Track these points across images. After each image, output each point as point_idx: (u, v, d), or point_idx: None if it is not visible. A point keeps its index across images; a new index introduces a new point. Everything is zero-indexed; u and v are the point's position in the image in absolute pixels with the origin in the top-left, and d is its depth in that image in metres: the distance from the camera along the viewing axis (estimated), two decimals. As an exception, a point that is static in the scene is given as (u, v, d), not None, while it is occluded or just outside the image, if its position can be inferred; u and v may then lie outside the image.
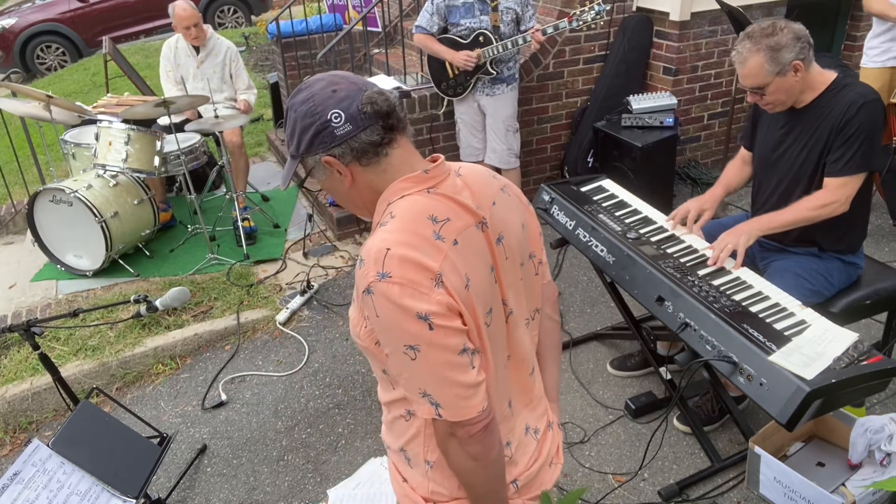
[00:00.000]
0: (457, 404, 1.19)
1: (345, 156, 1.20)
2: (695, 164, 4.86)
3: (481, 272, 1.23)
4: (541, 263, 1.45)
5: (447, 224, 1.20)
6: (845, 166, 2.28)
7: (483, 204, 1.28)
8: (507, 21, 3.71)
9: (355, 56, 5.36)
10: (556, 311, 1.56)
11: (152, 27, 9.99)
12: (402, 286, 1.13)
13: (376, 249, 1.16)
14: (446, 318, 1.15)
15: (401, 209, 1.21)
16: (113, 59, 5.39)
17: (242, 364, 3.45)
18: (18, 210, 4.89)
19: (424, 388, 1.19)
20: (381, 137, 1.20)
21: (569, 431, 2.84)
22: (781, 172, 2.49)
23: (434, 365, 1.16)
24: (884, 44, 3.78)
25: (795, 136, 2.41)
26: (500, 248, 1.29)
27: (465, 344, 1.18)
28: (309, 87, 1.22)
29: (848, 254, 2.52)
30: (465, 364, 1.18)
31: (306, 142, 1.21)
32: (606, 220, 2.64)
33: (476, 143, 4.12)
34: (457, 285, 1.17)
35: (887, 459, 2.25)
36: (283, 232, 4.59)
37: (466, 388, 1.18)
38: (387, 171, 1.23)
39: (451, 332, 1.16)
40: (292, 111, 1.23)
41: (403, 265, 1.14)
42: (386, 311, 1.15)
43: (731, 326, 2.04)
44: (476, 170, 1.36)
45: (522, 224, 1.37)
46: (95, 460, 2.16)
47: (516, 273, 1.34)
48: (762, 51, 2.23)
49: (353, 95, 1.19)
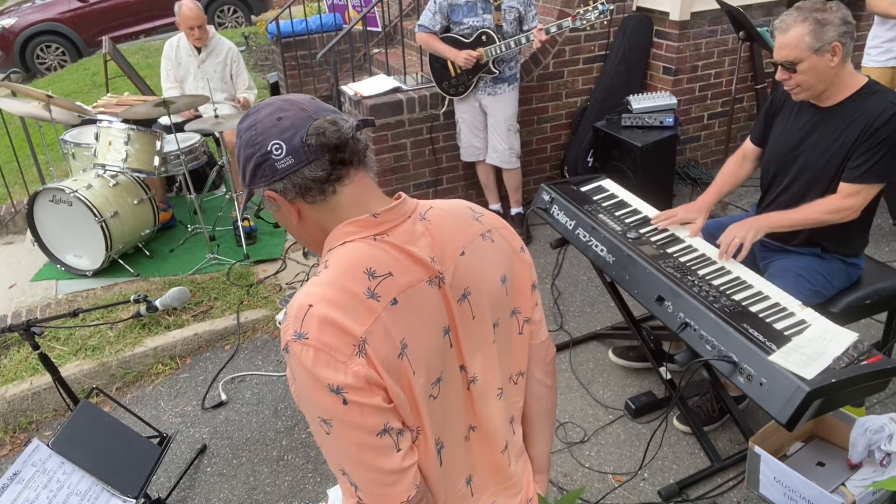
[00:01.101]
0: (376, 491, 1.05)
1: (287, 192, 1.08)
2: (695, 163, 4.85)
3: (427, 336, 1.08)
4: (527, 322, 1.27)
5: (387, 280, 1.05)
6: (864, 174, 2.26)
7: (445, 255, 1.12)
8: (510, 20, 3.71)
9: (355, 56, 5.36)
10: (548, 375, 1.36)
11: (152, 27, 9.99)
12: (318, 351, 1.00)
13: (298, 304, 1.03)
14: (363, 394, 1.00)
15: (336, 259, 1.07)
16: (113, 59, 5.39)
17: (242, 364, 3.45)
18: (18, 210, 4.89)
19: (342, 467, 1.06)
20: (326, 174, 1.06)
21: (569, 431, 2.84)
22: (799, 170, 2.45)
23: (348, 445, 1.03)
24: (885, 43, 3.78)
25: (819, 135, 2.37)
26: (463, 305, 1.13)
27: (385, 423, 1.03)
28: (255, 113, 1.10)
29: (850, 256, 2.51)
30: (385, 447, 1.03)
31: (249, 172, 1.10)
32: (606, 219, 2.64)
33: (477, 143, 4.12)
34: (385, 354, 1.02)
35: (887, 459, 2.25)
36: (282, 232, 4.59)
37: (387, 475, 1.04)
38: (335, 210, 1.10)
39: (367, 410, 1.01)
40: (238, 137, 1.11)
41: (323, 327, 1.00)
42: (300, 375, 1.02)
43: (731, 326, 2.04)
44: (453, 211, 1.20)
45: (504, 276, 1.20)
46: (95, 460, 2.16)
47: (486, 335, 1.17)
48: (808, 21, 2.18)
49: (300, 125, 1.05)
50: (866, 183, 2.27)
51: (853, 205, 2.30)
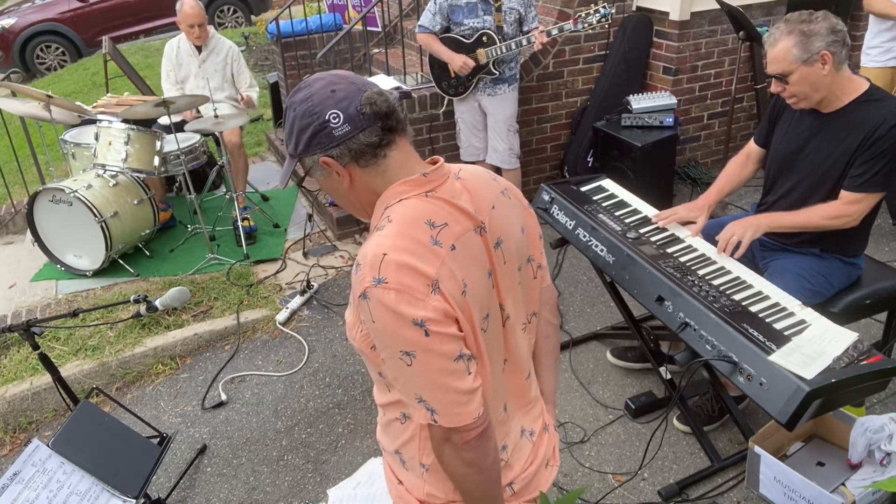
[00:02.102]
0: (452, 411, 1.18)
1: (343, 157, 1.19)
2: (694, 163, 4.86)
3: (479, 277, 1.22)
4: (539, 267, 1.43)
5: (445, 229, 1.19)
6: (865, 183, 2.26)
7: (482, 208, 1.27)
8: (511, 21, 3.71)
9: (355, 56, 5.36)
10: (554, 315, 1.55)
11: (152, 27, 9.99)
12: (399, 292, 1.12)
13: (372, 254, 1.15)
14: (442, 325, 1.14)
15: (398, 213, 1.19)
16: (113, 59, 5.39)
17: (242, 364, 3.45)
18: (18, 210, 4.89)
19: (420, 394, 1.18)
20: (379, 139, 1.19)
21: (569, 431, 2.84)
22: (800, 175, 2.46)
23: (430, 371, 1.15)
24: (885, 43, 3.78)
25: (820, 141, 2.38)
26: (498, 252, 1.27)
27: (461, 350, 1.17)
28: (308, 87, 1.20)
29: (850, 256, 2.51)
30: (461, 370, 1.17)
31: (304, 142, 1.20)
32: (606, 219, 2.64)
33: (477, 143, 4.12)
34: (453, 291, 1.16)
35: (887, 459, 2.25)
36: (282, 232, 4.59)
37: (462, 395, 1.17)
38: (385, 173, 1.22)
39: (447, 339, 1.15)
40: (291, 110, 1.21)
41: (400, 271, 1.12)
42: (382, 316, 1.14)
43: (731, 326, 2.04)
44: (476, 172, 1.34)
45: (522, 227, 1.36)
46: (95, 460, 2.16)
47: (514, 277, 1.33)
48: (794, 34, 2.19)
49: (352, 96, 1.17)
50: (867, 192, 2.28)
51: (854, 212, 2.31)
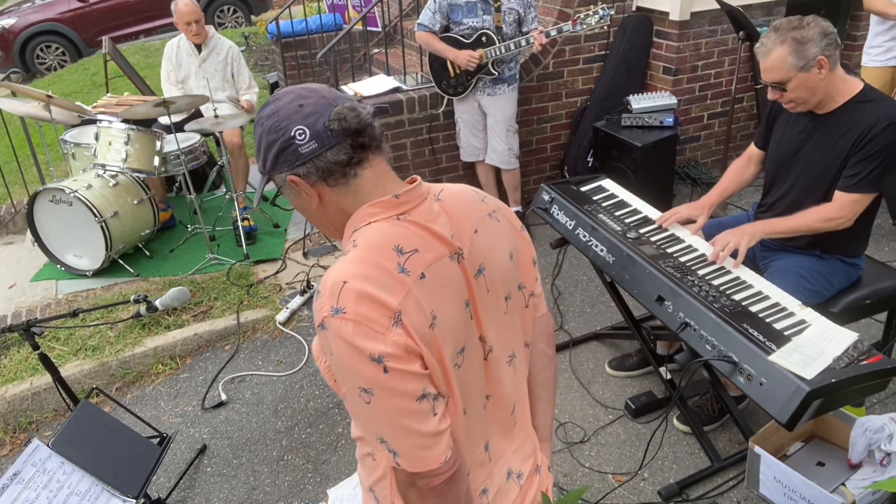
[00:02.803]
0: (415, 454, 1.09)
1: (310, 175, 1.12)
2: (694, 163, 4.85)
3: (453, 308, 1.14)
4: (532, 295, 1.34)
5: (414, 256, 1.10)
6: (858, 184, 2.27)
7: (461, 232, 1.18)
8: (510, 21, 3.71)
9: (355, 56, 5.36)
10: (550, 346, 1.45)
11: (152, 27, 9.99)
12: (357, 324, 1.04)
13: (332, 282, 1.07)
14: (403, 361, 1.05)
15: (364, 238, 1.12)
16: (113, 59, 5.39)
17: (242, 364, 3.45)
18: (18, 210, 4.89)
19: (381, 434, 1.10)
20: (349, 157, 1.11)
21: (569, 431, 2.84)
22: (796, 176, 2.47)
23: (389, 411, 1.07)
24: (886, 43, 3.78)
25: (815, 142, 2.38)
26: (479, 280, 1.19)
27: (424, 389, 1.08)
28: (276, 101, 1.13)
29: (850, 256, 2.51)
30: (424, 411, 1.08)
31: (271, 159, 1.13)
32: (606, 219, 2.64)
33: (477, 143, 4.12)
34: (419, 324, 1.07)
35: (887, 459, 2.25)
36: (282, 232, 4.59)
37: (426, 438, 1.09)
38: (357, 193, 1.14)
39: (407, 377, 1.06)
40: (258, 125, 1.14)
41: (360, 301, 1.04)
42: (339, 349, 1.06)
43: (731, 326, 2.04)
44: (461, 193, 1.26)
45: (511, 253, 1.27)
46: (95, 460, 2.16)
47: (499, 307, 1.24)
48: (787, 43, 2.19)
49: (321, 111, 1.10)
50: (861, 192, 2.28)
51: (848, 213, 2.31)
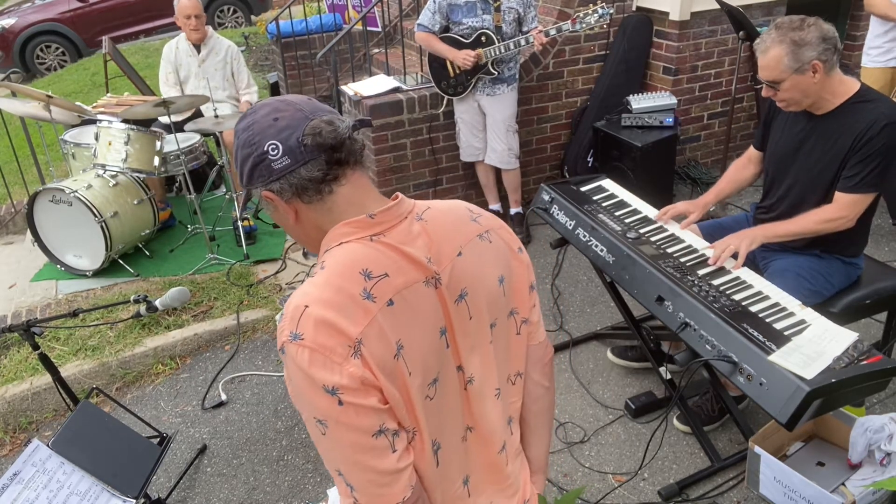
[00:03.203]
0: (371, 491, 1.06)
1: (284, 191, 1.08)
2: (694, 163, 4.85)
3: (424, 337, 1.09)
4: (526, 322, 1.27)
5: (382, 280, 1.05)
6: (859, 184, 2.27)
7: (441, 255, 1.12)
8: (510, 21, 3.71)
9: (355, 56, 5.36)
10: (546, 377, 1.36)
11: (152, 27, 9.99)
12: (313, 352, 1.00)
13: (294, 305, 1.04)
14: (358, 395, 1.00)
15: (333, 259, 1.08)
16: (113, 59, 5.39)
17: (242, 364, 3.45)
18: (18, 210, 4.89)
19: (338, 468, 1.07)
20: (323, 173, 1.07)
21: (569, 431, 2.84)
22: (795, 177, 2.47)
23: (343, 446, 1.04)
24: (886, 44, 3.78)
25: (813, 143, 2.39)
26: (459, 306, 1.13)
27: (381, 424, 1.03)
28: (253, 113, 1.10)
29: (850, 256, 2.52)
30: (380, 448, 1.04)
31: (246, 173, 1.10)
32: (606, 219, 2.64)
33: (476, 143, 4.12)
34: (381, 355, 1.02)
35: (887, 459, 2.25)
36: (282, 232, 4.59)
37: (382, 475, 1.05)
38: (332, 210, 1.10)
39: (363, 411, 1.01)
40: (236, 137, 1.11)
41: (318, 328, 1.00)
42: (295, 376, 1.03)
43: (731, 326, 2.04)
44: (450, 211, 1.20)
45: (501, 277, 1.20)
46: (95, 460, 2.16)
47: (483, 335, 1.17)
48: (785, 43, 2.19)
49: (296, 125, 1.06)
50: (861, 193, 2.29)
51: (848, 214, 2.31)
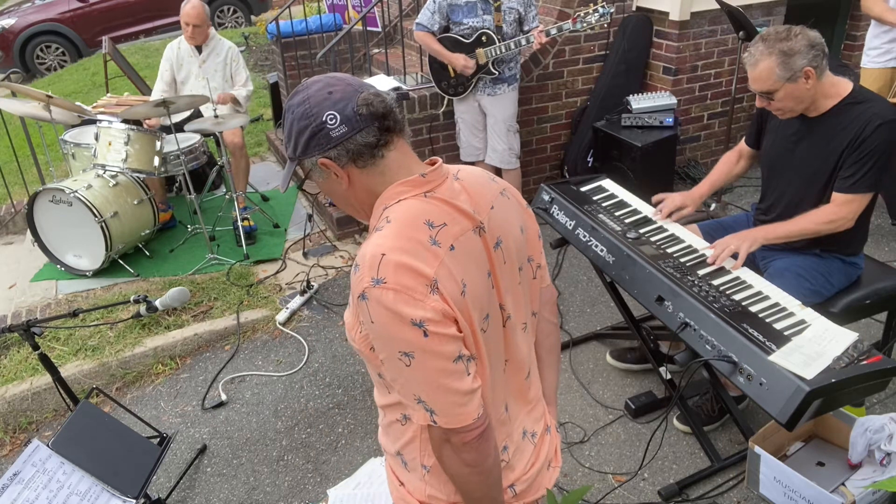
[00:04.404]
0: (452, 411, 1.18)
1: (340, 158, 1.19)
2: (694, 163, 4.86)
3: (478, 277, 1.22)
4: (539, 267, 1.43)
5: (443, 229, 1.19)
6: (855, 184, 2.28)
7: (481, 208, 1.27)
8: (510, 21, 3.71)
9: (355, 56, 5.36)
10: (554, 315, 1.55)
11: (152, 27, 9.99)
12: (397, 292, 1.12)
13: (371, 254, 1.15)
14: (441, 325, 1.14)
15: (397, 214, 1.19)
16: (113, 59, 5.39)
17: (242, 364, 3.45)
18: (18, 210, 4.89)
19: (419, 395, 1.18)
20: (376, 139, 1.19)
21: (569, 431, 2.84)
22: (791, 179, 2.49)
23: (429, 372, 1.15)
24: (885, 44, 3.78)
25: (808, 145, 2.40)
26: (497, 252, 1.27)
27: (460, 351, 1.17)
28: (306, 89, 1.21)
29: (849, 255, 2.52)
30: (460, 371, 1.17)
31: (303, 144, 1.20)
32: (606, 219, 2.64)
33: (477, 143, 4.12)
34: (452, 291, 1.15)
35: (887, 459, 2.25)
36: (282, 232, 4.59)
37: (462, 396, 1.17)
38: (384, 173, 1.22)
39: (446, 339, 1.14)
40: (289, 113, 1.22)
41: (399, 271, 1.12)
42: (380, 317, 1.13)
43: (731, 326, 2.04)
44: (475, 172, 1.34)
45: (521, 227, 1.36)
46: (95, 460, 2.16)
47: (514, 277, 1.32)
48: (774, 55, 2.22)
49: (349, 97, 1.18)
50: (858, 193, 2.30)
51: (847, 214, 2.32)
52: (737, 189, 4.54)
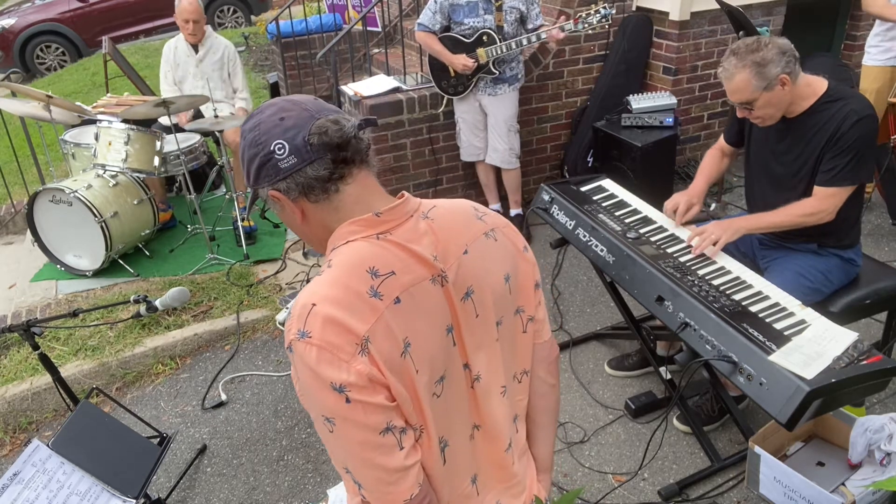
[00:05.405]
0: (379, 489, 1.06)
1: (290, 191, 1.09)
2: (695, 163, 4.85)
3: (431, 334, 1.09)
4: (532, 320, 1.28)
5: (389, 279, 1.06)
6: (835, 178, 2.33)
7: (448, 253, 1.12)
8: (511, 21, 3.71)
9: (355, 56, 5.36)
10: (552, 375, 1.37)
11: (152, 27, 9.98)
12: (321, 349, 1.01)
13: (302, 304, 1.05)
14: (366, 392, 1.01)
15: (340, 258, 1.08)
16: (113, 59, 5.39)
17: (242, 364, 3.45)
18: (18, 210, 4.89)
19: (346, 465, 1.08)
20: (329, 172, 1.07)
21: (569, 431, 2.84)
22: (774, 179, 2.53)
23: (351, 443, 1.04)
24: (884, 42, 3.79)
25: (788, 144, 2.45)
26: (466, 304, 1.13)
27: (388, 422, 1.04)
28: (259, 113, 1.11)
29: (847, 249, 2.53)
30: (388, 445, 1.04)
31: (253, 173, 1.10)
32: (606, 219, 2.64)
33: (477, 143, 4.12)
34: (388, 352, 1.03)
35: (887, 459, 2.25)
36: (282, 232, 4.59)
37: (390, 473, 1.05)
38: (338, 209, 1.10)
39: (370, 409, 1.02)
40: (242, 137, 1.12)
41: (326, 326, 1.01)
42: (303, 374, 1.03)
43: (731, 326, 2.04)
44: (455, 209, 1.20)
45: (507, 275, 1.21)
46: (95, 460, 2.16)
47: (489, 333, 1.18)
48: (748, 67, 2.26)
49: (302, 125, 1.06)
50: (838, 186, 2.34)
51: (828, 206, 2.37)
52: (737, 189, 4.54)
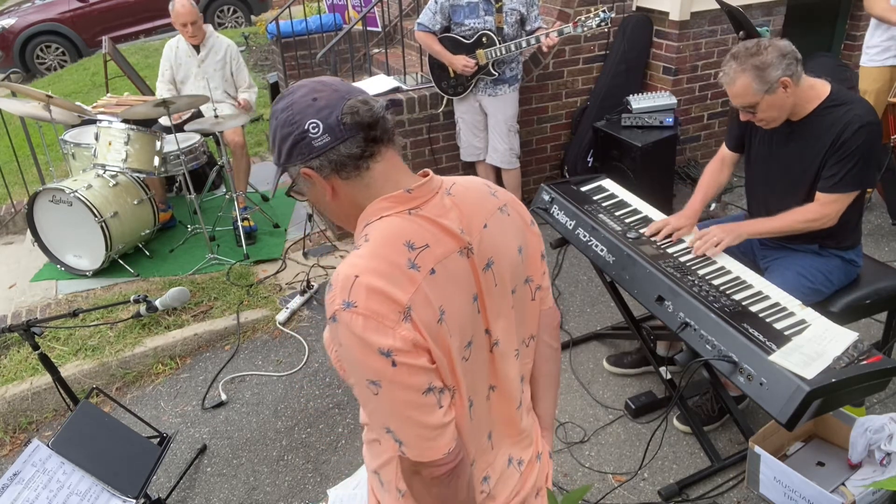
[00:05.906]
0: (420, 445, 1.12)
1: (323, 168, 1.14)
2: (694, 163, 4.86)
3: (461, 302, 1.16)
4: (539, 289, 1.36)
5: (425, 251, 1.12)
6: (837, 184, 2.33)
7: (471, 227, 1.20)
8: (511, 22, 3.71)
9: (355, 56, 5.36)
10: (555, 339, 1.47)
11: (152, 27, 9.99)
12: (367, 318, 1.06)
13: (344, 275, 1.09)
14: (410, 356, 1.08)
15: (376, 232, 1.14)
16: (113, 59, 5.39)
17: (242, 364, 3.45)
18: (18, 210, 4.89)
19: (387, 425, 1.13)
20: (361, 150, 1.13)
21: (569, 431, 2.84)
22: (776, 182, 2.52)
23: (396, 403, 1.10)
24: (883, 42, 3.79)
25: (792, 148, 2.44)
26: (487, 274, 1.21)
27: (430, 383, 1.11)
28: (290, 94, 1.16)
29: (848, 251, 2.54)
30: (429, 404, 1.11)
31: (285, 152, 1.15)
32: (606, 219, 2.64)
33: (477, 143, 4.12)
34: (427, 320, 1.10)
35: (887, 459, 2.25)
36: (282, 232, 4.60)
37: (431, 430, 1.12)
38: (369, 186, 1.16)
39: (414, 371, 1.09)
40: (273, 118, 1.17)
41: (370, 296, 1.07)
42: (349, 342, 1.08)
43: (731, 326, 2.04)
44: (472, 186, 1.28)
45: (520, 247, 1.29)
46: (95, 460, 2.16)
47: (506, 300, 1.26)
48: (748, 71, 2.26)
49: (334, 104, 1.12)
50: (840, 192, 2.34)
51: (830, 212, 2.37)
52: (737, 189, 4.54)
